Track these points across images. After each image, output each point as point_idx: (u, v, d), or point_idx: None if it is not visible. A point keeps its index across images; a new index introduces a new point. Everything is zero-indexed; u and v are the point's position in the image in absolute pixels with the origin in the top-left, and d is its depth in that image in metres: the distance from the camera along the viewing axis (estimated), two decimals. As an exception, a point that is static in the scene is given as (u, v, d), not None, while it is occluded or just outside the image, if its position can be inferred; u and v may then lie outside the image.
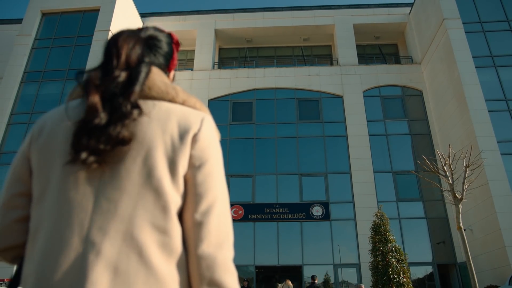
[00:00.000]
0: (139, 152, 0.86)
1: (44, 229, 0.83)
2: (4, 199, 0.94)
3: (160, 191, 0.85)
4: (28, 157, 0.94)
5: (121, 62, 0.92)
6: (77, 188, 0.84)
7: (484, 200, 15.47)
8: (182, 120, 0.92)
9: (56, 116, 0.95)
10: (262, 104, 21.48)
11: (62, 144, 0.88)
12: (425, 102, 20.80)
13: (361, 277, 16.96)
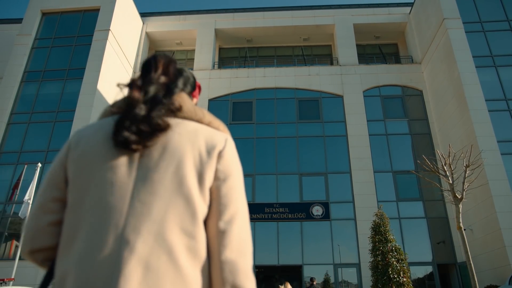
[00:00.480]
0: (171, 162, 0.95)
1: (83, 231, 0.90)
2: (39, 203, 1.02)
3: (190, 199, 0.93)
4: (65, 166, 1.02)
5: (159, 71, 1.07)
6: (114, 192, 0.92)
7: (484, 200, 15.47)
8: (209, 138, 1.03)
9: (92, 129, 1.04)
10: (262, 104, 21.47)
11: (98, 151, 0.98)
12: (425, 102, 20.79)
13: (361, 277, 16.96)
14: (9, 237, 16.69)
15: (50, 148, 18.11)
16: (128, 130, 0.94)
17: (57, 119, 18.82)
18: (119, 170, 0.94)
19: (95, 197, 0.92)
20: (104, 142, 0.98)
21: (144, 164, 0.94)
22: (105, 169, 0.95)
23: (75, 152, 1.00)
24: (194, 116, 1.06)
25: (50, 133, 18.50)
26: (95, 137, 1.00)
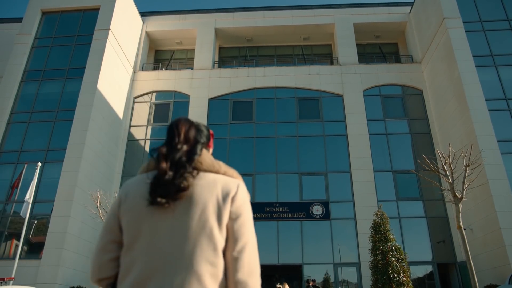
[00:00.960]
0: (196, 210, 1.28)
1: (136, 267, 1.25)
2: (101, 245, 1.37)
3: (212, 236, 1.26)
4: (118, 215, 1.37)
5: (181, 139, 1.39)
6: (156, 239, 1.26)
7: (484, 200, 15.47)
8: (225, 186, 1.35)
9: (134, 186, 1.38)
10: (262, 103, 21.46)
11: (141, 207, 1.31)
12: (425, 101, 20.79)
13: (361, 276, 16.97)
14: (9, 237, 16.68)
15: (50, 147, 18.10)
16: (159, 194, 1.27)
17: (57, 119, 18.80)
18: (158, 221, 1.28)
19: (143, 243, 1.27)
20: (144, 199, 1.31)
21: (176, 214, 1.28)
22: (147, 221, 1.29)
23: (125, 206, 1.35)
24: (212, 169, 1.39)
25: (50, 132, 18.48)
26: (137, 193, 1.35)
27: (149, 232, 1.28)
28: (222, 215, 1.29)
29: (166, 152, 1.35)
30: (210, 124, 20.84)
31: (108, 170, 19.36)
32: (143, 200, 1.31)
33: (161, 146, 1.39)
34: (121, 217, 1.35)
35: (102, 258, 1.36)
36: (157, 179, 1.30)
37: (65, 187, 16.47)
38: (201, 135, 1.49)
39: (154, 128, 21.61)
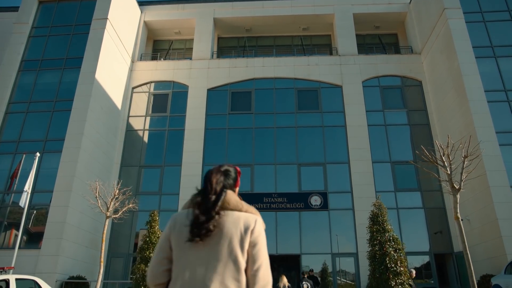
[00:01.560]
0: (225, 240, 1.74)
1: (180, 278, 1.74)
2: (157, 259, 1.84)
3: (236, 261, 1.73)
4: (169, 238, 1.85)
5: (212, 189, 1.84)
6: (197, 258, 1.75)
7: (481, 191, 15.54)
8: (246, 222, 1.80)
9: (182, 216, 1.86)
10: (261, 94, 21.41)
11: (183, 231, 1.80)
12: (424, 93, 20.76)
13: (358, 266, 17.11)
14: (9, 227, 16.73)
15: (48, 137, 18.07)
16: (195, 235, 1.75)
17: (55, 109, 18.73)
18: (198, 246, 1.76)
19: (187, 261, 1.76)
20: (185, 230, 1.80)
21: (211, 243, 1.76)
22: (190, 247, 1.77)
23: (174, 233, 1.84)
24: (236, 208, 1.84)
25: (48, 122, 18.43)
26: (182, 224, 1.83)
27: (190, 255, 1.78)
28: (244, 245, 1.77)
29: (200, 201, 1.84)
30: (208, 115, 20.81)
31: (106, 160, 19.36)
32: (185, 232, 1.80)
33: (198, 195, 1.89)
34: (171, 240, 1.85)
35: (158, 270, 1.85)
36: (194, 222, 1.79)
37: (64, 178, 16.48)
38: (229, 178, 1.95)
39: (152, 118, 21.56)
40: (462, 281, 16.73)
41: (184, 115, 20.93)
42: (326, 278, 17.62)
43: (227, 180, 1.92)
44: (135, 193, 18.22)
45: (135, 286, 11.12)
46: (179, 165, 19.69)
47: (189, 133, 20.36)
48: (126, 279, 17.14)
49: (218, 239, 1.76)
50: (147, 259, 11.37)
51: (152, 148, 20.92)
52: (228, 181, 1.93)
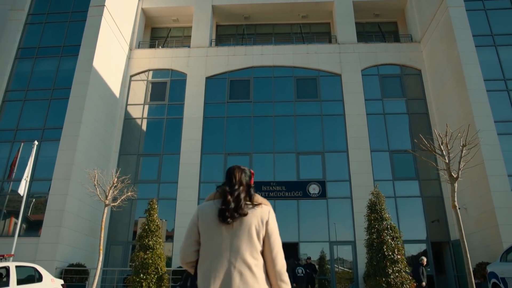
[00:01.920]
0: (245, 227, 2.12)
1: (208, 257, 2.10)
2: (188, 242, 2.23)
3: (254, 244, 2.11)
4: (197, 225, 2.23)
5: (237, 181, 2.26)
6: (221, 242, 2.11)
7: (479, 180, 15.61)
8: (262, 214, 2.19)
9: (206, 208, 2.24)
10: (259, 82, 21.32)
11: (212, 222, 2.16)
12: (423, 82, 20.70)
13: (356, 254, 17.26)
14: (8, 215, 16.77)
15: (46, 126, 18.01)
16: (228, 217, 2.13)
17: (52, 97, 18.64)
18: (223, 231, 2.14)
19: (213, 243, 2.14)
20: (214, 218, 2.18)
21: (234, 228, 2.14)
22: (216, 231, 2.15)
23: (201, 220, 2.22)
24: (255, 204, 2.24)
25: (46, 110, 18.35)
26: (209, 213, 2.22)
27: (216, 238, 2.16)
28: (260, 233, 2.18)
29: (229, 190, 2.25)
30: (207, 103, 20.75)
31: (105, 148, 19.34)
32: (213, 218, 2.19)
33: (224, 185, 2.31)
34: (199, 226, 2.24)
35: (189, 250, 2.25)
36: (225, 207, 2.17)
37: (62, 166, 16.48)
38: (246, 175, 2.39)
39: (151, 106, 21.49)
40: (458, 268, 16.92)
41: (182, 103, 20.86)
42: (324, 266, 17.79)
43: (245, 177, 2.36)
44: (133, 182, 18.25)
45: (134, 273, 11.20)
46: (177, 154, 19.69)
47: (187, 122, 20.32)
48: (126, 266, 17.27)
49: (239, 226, 2.16)
50: (146, 247, 11.43)
51: (151, 136, 20.90)
52: (246, 177, 2.36)
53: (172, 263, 17.03)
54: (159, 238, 11.86)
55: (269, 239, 2.17)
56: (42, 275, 9.92)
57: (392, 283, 10.96)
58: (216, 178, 19.23)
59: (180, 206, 18.59)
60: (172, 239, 18.23)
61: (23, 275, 9.46)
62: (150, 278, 11.08)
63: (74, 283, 15.05)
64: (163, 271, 11.52)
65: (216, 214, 2.17)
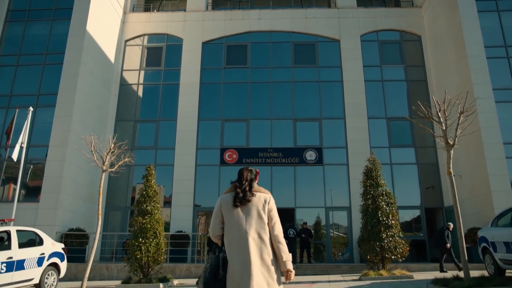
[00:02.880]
0: (254, 208, 3.04)
1: (231, 231, 3.02)
2: (215, 221, 3.13)
3: (262, 218, 3.03)
4: (220, 209, 3.12)
5: (244, 179, 3.17)
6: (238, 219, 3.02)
7: (475, 147, 15.72)
8: (264, 198, 3.12)
9: (226, 198, 3.13)
10: (257, 48, 20.97)
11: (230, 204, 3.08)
12: (423, 48, 20.42)
13: (351, 220, 17.60)
14: (7, 181, 16.87)
15: (41, 92, 17.80)
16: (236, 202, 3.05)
17: (46, 62, 18.32)
18: (239, 212, 3.03)
19: (233, 221, 3.02)
20: (231, 203, 3.07)
21: (246, 210, 3.04)
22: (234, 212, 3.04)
23: (223, 206, 3.09)
24: (258, 191, 3.13)
25: (40, 76, 18.08)
26: (228, 201, 3.09)
27: (234, 217, 3.04)
28: (265, 209, 3.07)
29: (238, 185, 3.13)
30: (203, 69, 20.48)
31: (101, 115, 19.22)
32: (230, 203, 3.08)
33: (236, 182, 3.19)
34: (222, 210, 3.11)
35: (216, 227, 3.13)
36: (236, 196, 3.08)
37: (59, 132, 16.43)
38: (252, 174, 3.26)
39: (147, 72, 21.19)
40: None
41: (178, 69, 20.57)
42: (319, 231, 18.17)
43: (251, 175, 3.25)
44: (131, 148, 18.26)
45: (133, 238, 11.40)
46: (174, 120, 19.61)
47: (184, 88, 20.12)
48: (125, 231, 17.58)
49: (250, 207, 3.07)
50: (144, 212, 11.59)
51: (147, 102, 20.74)
52: (252, 176, 3.25)
53: (170, 228, 17.34)
54: (157, 203, 12.00)
55: (269, 213, 3.10)
56: (43, 239, 10.09)
57: (385, 247, 11.23)
58: (213, 145, 19.27)
59: (178, 172, 18.72)
60: (170, 204, 18.47)
61: (24, 239, 9.61)
62: (148, 242, 11.29)
63: (75, 247, 15.36)
64: (161, 235, 11.73)
65: (232, 200, 3.11)
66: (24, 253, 9.21)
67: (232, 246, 2.96)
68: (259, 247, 2.93)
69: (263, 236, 2.98)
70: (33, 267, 9.36)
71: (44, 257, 9.80)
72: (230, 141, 19.34)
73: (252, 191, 3.12)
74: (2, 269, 8.44)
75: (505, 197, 14.47)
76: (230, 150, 18.99)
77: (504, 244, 8.06)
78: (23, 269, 9.05)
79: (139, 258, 11.14)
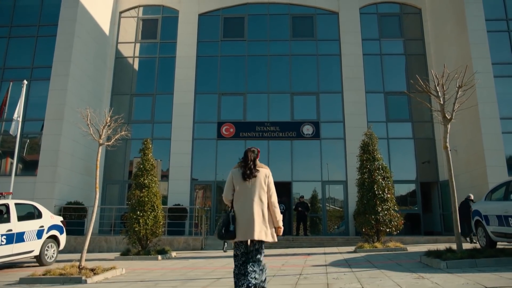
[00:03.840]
0: (258, 180, 4.17)
1: (240, 198, 4.14)
2: (227, 188, 4.26)
3: (263, 188, 4.18)
4: (232, 180, 4.23)
5: (249, 159, 4.22)
6: (245, 188, 4.14)
7: (471, 122, 15.74)
8: (266, 172, 4.29)
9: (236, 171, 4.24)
10: (254, 20, 20.58)
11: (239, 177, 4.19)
12: (423, 21, 20.10)
13: (347, 194, 17.78)
14: (3, 155, 16.84)
15: (35, 65, 17.52)
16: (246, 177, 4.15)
17: (39, 34, 17.96)
18: (246, 183, 4.15)
19: (242, 190, 4.15)
20: (240, 177, 4.17)
21: (252, 182, 4.15)
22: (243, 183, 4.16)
23: (234, 177, 4.21)
24: (260, 167, 4.25)
25: (33, 48, 17.76)
26: (237, 174, 4.20)
27: (243, 187, 4.12)
28: (266, 181, 4.19)
29: (244, 164, 4.18)
30: (200, 42, 20.16)
31: (97, 88, 19.02)
32: (240, 177, 4.13)
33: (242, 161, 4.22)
34: (233, 181, 4.17)
35: (229, 193, 4.19)
36: (244, 172, 4.13)
37: (54, 106, 16.29)
38: (254, 153, 4.25)
39: (142, 45, 20.84)
40: (444, 207, 17.57)
41: (175, 41, 20.23)
42: (316, 205, 18.39)
43: (254, 155, 4.23)
44: (127, 122, 18.16)
45: (131, 211, 11.51)
46: (171, 94, 19.45)
47: (180, 61, 19.85)
48: (122, 204, 17.73)
49: (255, 180, 4.13)
50: (142, 186, 11.65)
51: (143, 76, 20.50)
52: (254, 155, 4.24)
53: (168, 201, 17.49)
54: (154, 177, 12.05)
55: (269, 185, 4.21)
56: (42, 212, 10.17)
57: (381, 220, 11.41)
58: (210, 118, 19.20)
59: (175, 146, 18.73)
60: (168, 178, 18.57)
61: (23, 212, 9.68)
62: (146, 215, 11.42)
63: (73, 220, 15.51)
64: (159, 208, 11.84)
65: (241, 175, 4.16)
66: (24, 225, 9.30)
67: (241, 207, 4.09)
68: (260, 208, 4.08)
69: (263, 200, 4.13)
70: (32, 239, 9.47)
71: (44, 229, 9.90)
72: (227, 115, 19.26)
73: (256, 168, 4.19)
74: (2, 242, 8.54)
75: (499, 171, 14.61)
76: (227, 124, 18.94)
77: (497, 217, 8.20)
78: (23, 241, 9.15)
79: (137, 231, 11.28)
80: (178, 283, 6.31)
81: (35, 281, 6.82)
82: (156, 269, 8.56)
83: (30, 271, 7.92)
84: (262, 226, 4.01)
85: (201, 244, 14.48)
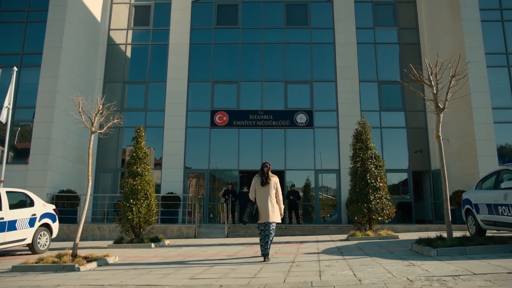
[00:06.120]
0: (270, 185, 7.24)
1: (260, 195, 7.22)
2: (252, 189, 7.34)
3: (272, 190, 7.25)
4: (255, 185, 7.31)
5: (265, 171, 7.29)
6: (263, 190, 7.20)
7: (464, 111, 15.85)
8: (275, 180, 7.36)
9: (257, 178, 7.32)
10: (248, 7, 20.38)
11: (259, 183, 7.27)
12: (417, 10, 20.05)
13: (340, 182, 17.90)
14: (-6, 142, 16.63)
15: (24, 51, 17.24)
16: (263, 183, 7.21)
17: (28, 20, 17.64)
18: (264, 188, 7.20)
19: (261, 192, 7.20)
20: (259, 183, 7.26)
21: (267, 186, 7.20)
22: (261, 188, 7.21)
23: (256, 183, 7.29)
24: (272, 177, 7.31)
25: (23, 34, 17.46)
26: (258, 181, 7.27)
27: (261, 189, 7.18)
28: (274, 187, 7.24)
29: (262, 175, 7.24)
30: (193, 29, 19.96)
31: (89, 75, 18.80)
32: (259, 183, 7.21)
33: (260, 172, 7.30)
34: (255, 185, 7.24)
35: (253, 193, 7.25)
36: (262, 179, 7.21)
37: (46, 93, 16.10)
38: (268, 168, 7.26)
39: (135, 32, 20.58)
40: (435, 196, 17.78)
41: (168, 28, 20.01)
42: (309, 193, 18.50)
43: (267, 168, 7.17)
44: (120, 109, 18.00)
45: (124, 199, 11.49)
46: (164, 81, 19.31)
47: (173, 48, 19.66)
48: (115, 192, 17.69)
49: (269, 185, 7.12)
50: (135, 174, 11.61)
51: (136, 63, 20.29)
52: (267, 168, 7.18)
53: (161, 190, 17.49)
54: (147, 165, 12.00)
55: (276, 188, 7.16)
56: (34, 200, 10.11)
57: (373, 208, 11.49)
58: (203, 107, 19.11)
59: (168, 134, 18.65)
60: (161, 166, 18.53)
61: (15, 200, 9.61)
62: (139, 203, 11.40)
63: (66, 208, 15.46)
64: (152, 197, 11.82)
65: (260, 182, 7.08)
66: (15, 214, 9.24)
67: (261, 202, 7.04)
68: (272, 202, 7.03)
69: (273, 197, 7.08)
70: (25, 227, 9.43)
71: (36, 218, 9.86)
72: (220, 103, 19.19)
73: (269, 177, 7.11)
74: (-6, 230, 8.48)
75: (490, 161, 14.78)
76: (220, 112, 18.88)
77: (486, 206, 8.30)
78: (15, 230, 9.11)
79: (130, 219, 11.28)
80: (171, 270, 6.34)
81: (28, 269, 6.81)
82: (150, 257, 8.59)
83: (22, 259, 7.90)
84: (273, 213, 6.98)
85: (194, 232, 14.54)
